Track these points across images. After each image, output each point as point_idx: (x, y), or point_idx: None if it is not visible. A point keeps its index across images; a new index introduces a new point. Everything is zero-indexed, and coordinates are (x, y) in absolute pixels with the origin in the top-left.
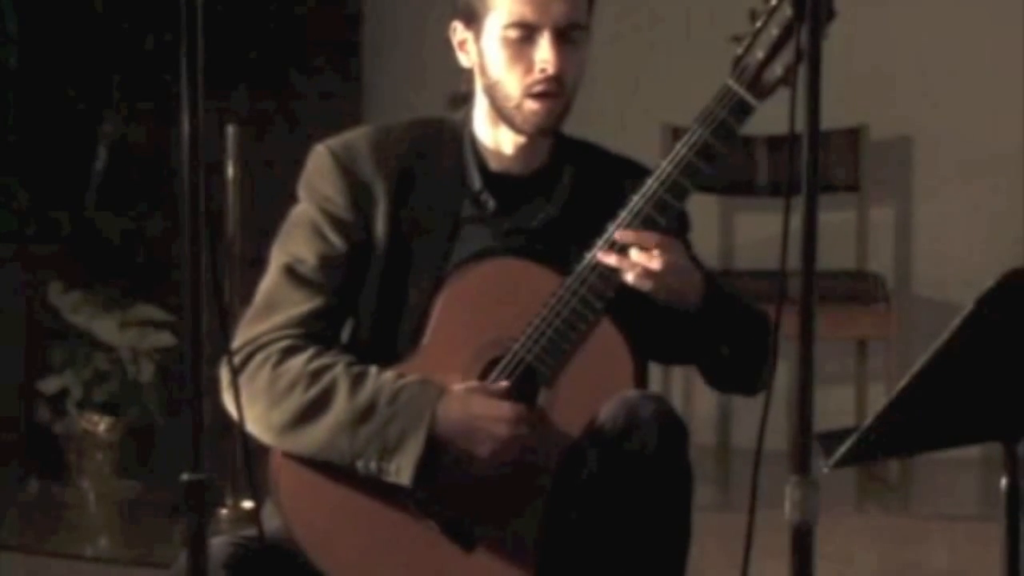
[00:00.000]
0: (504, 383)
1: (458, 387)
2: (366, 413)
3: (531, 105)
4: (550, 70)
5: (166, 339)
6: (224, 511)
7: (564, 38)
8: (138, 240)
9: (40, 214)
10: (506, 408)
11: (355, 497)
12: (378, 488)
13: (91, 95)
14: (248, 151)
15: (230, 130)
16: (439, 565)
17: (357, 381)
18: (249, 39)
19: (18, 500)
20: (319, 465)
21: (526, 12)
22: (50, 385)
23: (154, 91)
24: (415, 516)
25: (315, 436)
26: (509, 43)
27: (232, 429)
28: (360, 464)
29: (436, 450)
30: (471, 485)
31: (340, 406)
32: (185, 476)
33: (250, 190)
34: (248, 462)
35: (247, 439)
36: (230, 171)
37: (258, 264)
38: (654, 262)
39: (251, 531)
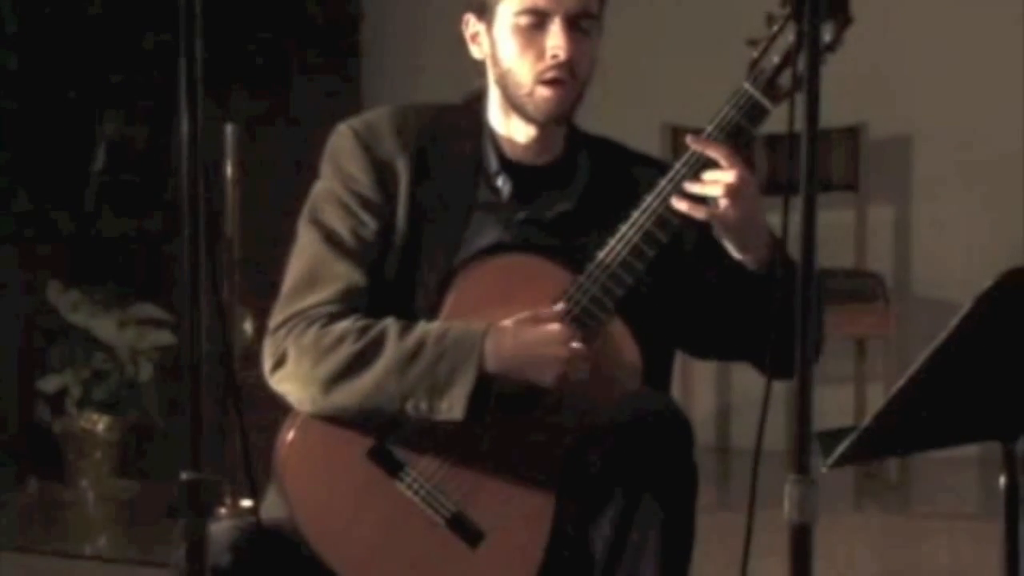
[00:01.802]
0: (558, 306)
1: (507, 320)
2: (414, 353)
3: (542, 92)
4: (561, 56)
5: (165, 338)
6: (223, 510)
7: (575, 26)
8: (137, 240)
9: (39, 214)
10: (558, 329)
11: (361, 490)
12: (386, 484)
13: (90, 95)
14: (247, 151)
15: (229, 130)
16: (443, 560)
17: (405, 328)
18: (248, 39)
19: (17, 499)
20: (326, 456)
21: None
22: (49, 384)
23: (153, 91)
24: (420, 511)
25: (364, 383)
26: (520, 30)
27: (232, 427)
28: (410, 405)
29: (485, 392)
30: (486, 473)
31: (389, 352)
32: (184, 475)
33: (249, 190)
34: (248, 461)
35: (247, 438)
36: (229, 171)
37: (256, 263)
38: (728, 172)
39: (253, 519)
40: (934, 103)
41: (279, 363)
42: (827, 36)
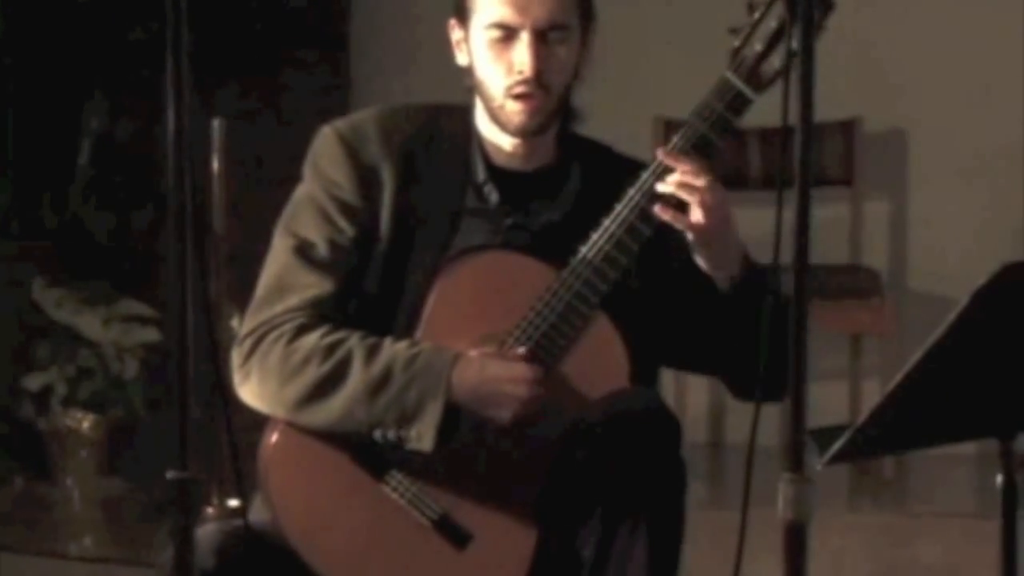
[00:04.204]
0: (520, 349)
1: (473, 352)
2: (382, 381)
3: (512, 106)
4: (526, 72)
5: (151, 335)
6: (210, 510)
7: (544, 39)
8: (123, 235)
9: (24, 209)
10: (522, 369)
11: (346, 493)
12: (372, 486)
13: (76, 88)
14: (235, 145)
15: (216, 124)
16: (431, 563)
17: (372, 351)
18: (237, 32)
19: (1, 498)
20: (310, 460)
21: (505, 13)
22: (34, 382)
23: (140, 85)
24: (407, 513)
25: (331, 409)
26: (490, 44)
27: (218, 426)
28: (378, 433)
29: (454, 415)
30: (473, 474)
31: (355, 377)
32: (170, 474)
33: (237, 185)
34: (235, 460)
35: (234, 436)
36: (216, 166)
37: (244, 259)
38: (698, 180)
39: (240, 522)
40: (930, 96)
41: (246, 377)
42: None
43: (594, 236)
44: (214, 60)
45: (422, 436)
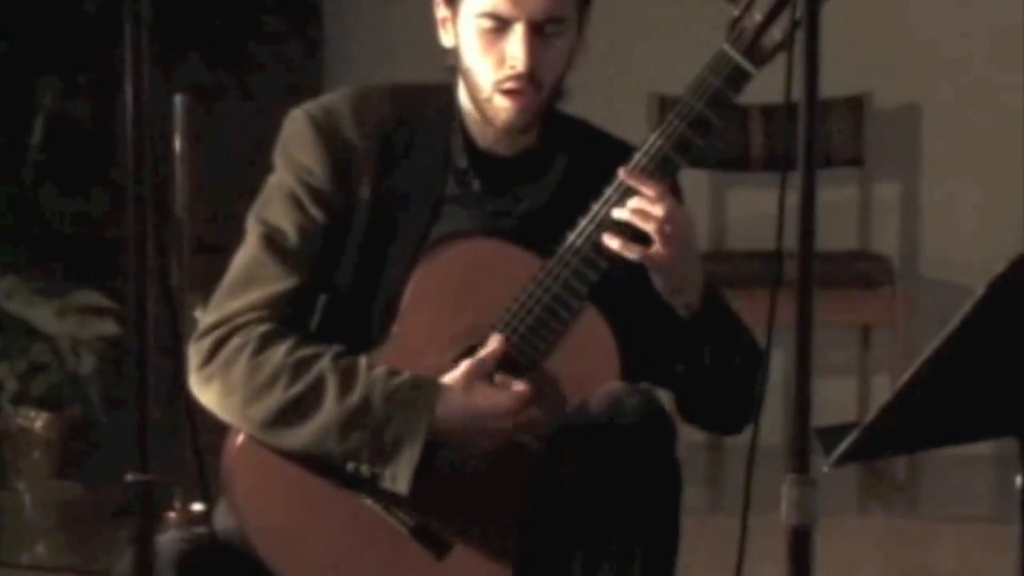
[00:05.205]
0: (495, 339)
1: (456, 380)
2: (358, 414)
3: (500, 101)
4: (519, 67)
5: (109, 328)
6: (172, 514)
7: (539, 32)
8: (79, 221)
9: None
10: (509, 401)
11: (317, 499)
12: (344, 491)
13: (27, 62)
14: (199, 124)
15: (178, 100)
16: (408, 572)
17: (346, 378)
18: (202, 2)
19: None
20: (279, 463)
21: (499, 3)
22: None
23: (96, 59)
24: (382, 520)
25: (299, 436)
26: (481, 33)
27: (181, 425)
28: (351, 466)
29: (431, 447)
30: (453, 480)
31: (329, 407)
32: (130, 476)
33: (201, 166)
34: (199, 462)
35: (198, 437)
36: (178, 146)
37: (209, 246)
38: (656, 208)
39: (202, 529)
40: (943, 69)
41: (207, 382)
42: None
43: (582, 222)
44: (175, 31)
45: (397, 478)
